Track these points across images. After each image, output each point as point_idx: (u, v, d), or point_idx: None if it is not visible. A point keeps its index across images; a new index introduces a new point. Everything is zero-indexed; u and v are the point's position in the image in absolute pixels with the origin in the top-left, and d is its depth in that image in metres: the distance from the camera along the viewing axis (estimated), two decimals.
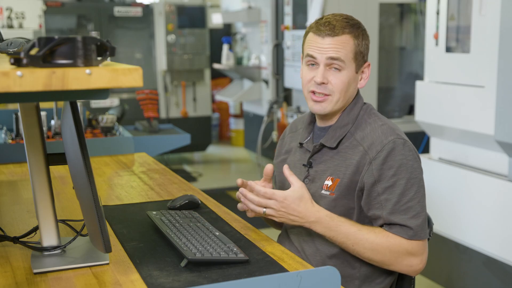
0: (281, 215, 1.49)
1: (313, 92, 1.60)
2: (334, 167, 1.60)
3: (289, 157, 1.76)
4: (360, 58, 1.60)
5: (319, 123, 1.69)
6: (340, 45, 1.55)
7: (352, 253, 1.55)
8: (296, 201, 1.48)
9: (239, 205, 1.58)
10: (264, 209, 1.50)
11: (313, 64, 1.60)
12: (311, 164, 1.65)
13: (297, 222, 1.51)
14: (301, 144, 1.71)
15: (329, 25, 1.56)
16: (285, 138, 1.83)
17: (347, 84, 1.58)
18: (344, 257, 1.59)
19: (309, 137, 1.70)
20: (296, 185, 1.49)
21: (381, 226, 1.55)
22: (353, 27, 1.58)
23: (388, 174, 1.52)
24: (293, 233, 1.70)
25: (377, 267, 1.59)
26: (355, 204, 1.58)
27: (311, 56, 1.59)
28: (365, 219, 1.59)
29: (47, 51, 0.95)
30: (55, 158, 1.39)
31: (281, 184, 1.78)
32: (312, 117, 1.72)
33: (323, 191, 1.60)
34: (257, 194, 1.50)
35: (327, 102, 1.59)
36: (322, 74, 1.57)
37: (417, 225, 1.51)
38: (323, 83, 1.57)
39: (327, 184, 1.60)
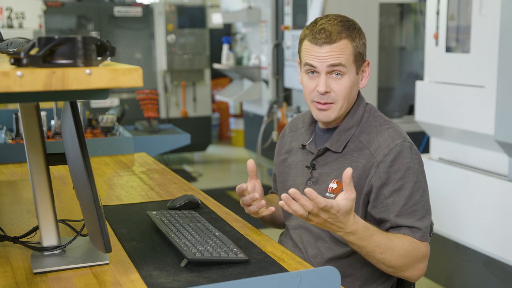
0: (322, 223, 1.39)
1: (317, 102, 1.58)
2: (339, 170, 1.58)
3: (290, 157, 1.75)
4: (360, 59, 1.58)
5: (322, 125, 1.67)
6: (339, 51, 1.52)
7: (375, 262, 1.48)
8: (345, 214, 1.36)
9: (251, 208, 1.56)
10: (307, 213, 1.36)
11: (313, 72, 1.57)
12: (315, 166, 1.64)
13: (331, 230, 1.42)
14: (303, 145, 1.70)
15: (325, 32, 1.52)
16: (285, 138, 1.82)
17: (349, 88, 1.56)
18: (346, 258, 1.59)
19: (311, 139, 1.69)
20: (351, 196, 1.36)
21: (388, 229, 1.54)
22: (349, 29, 1.54)
23: (396, 177, 1.51)
24: (295, 234, 1.70)
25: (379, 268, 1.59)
26: (360, 207, 1.56)
27: (311, 65, 1.56)
28: (369, 223, 1.58)
29: (47, 51, 0.95)
30: (55, 158, 1.39)
31: (282, 184, 1.77)
32: (313, 117, 1.71)
33: (327, 194, 1.59)
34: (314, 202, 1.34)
35: (331, 110, 1.57)
36: (325, 83, 1.54)
37: (424, 227, 1.51)
38: (327, 92, 1.55)
39: (332, 187, 1.58)
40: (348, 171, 1.35)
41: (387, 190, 1.52)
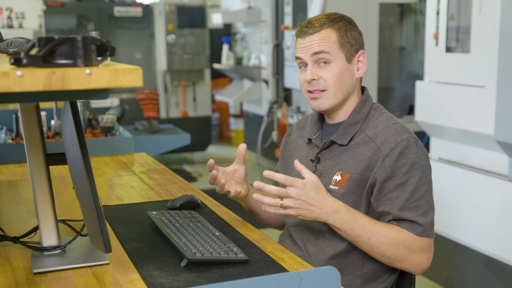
0: (299, 204, 1.44)
1: (310, 92, 1.62)
2: (344, 163, 1.61)
3: (295, 153, 1.77)
4: (349, 48, 1.61)
5: (328, 120, 1.70)
6: (321, 39, 1.58)
7: (365, 248, 1.52)
8: (315, 188, 1.45)
9: (218, 188, 1.63)
10: (281, 201, 1.44)
11: (305, 66, 1.63)
12: (319, 160, 1.66)
13: (314, 214, 1.46)
14: (309, 140, 1.72)
15: (309, 25, 1.61)
16: (292, 135, 1.84)
17: (339, 75, 1.59)
18: (347, 256, 1.59)
19: (317, 133, 1.72)
20: (312, 176, 1.47)
21: (389, 222, 1.55)
22: (333, 21, 1.60)
23: (401, 171, 1.53)
24: (295, 231, 1.70)
25: (380, 266, 1.59)
26: (363, 200, 1.58)
27: (299, 58, 1.63)
28: (372, 216, 1.58)
29: (47, 51, 0.95)
30: (55, 158, 1.39)
31: None
32: (321, 114, 1.73)
33: (331, 186, 1.60)
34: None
35: (324, 98, 1.61)
36: (311, 71, 1.60)
37: (426, 223, 1.52)
38: (314, 79, 1.60)
39: (336, 179, 1.60)
40: (295, 162, 1.49)
41: (392, 184, 1.53)
